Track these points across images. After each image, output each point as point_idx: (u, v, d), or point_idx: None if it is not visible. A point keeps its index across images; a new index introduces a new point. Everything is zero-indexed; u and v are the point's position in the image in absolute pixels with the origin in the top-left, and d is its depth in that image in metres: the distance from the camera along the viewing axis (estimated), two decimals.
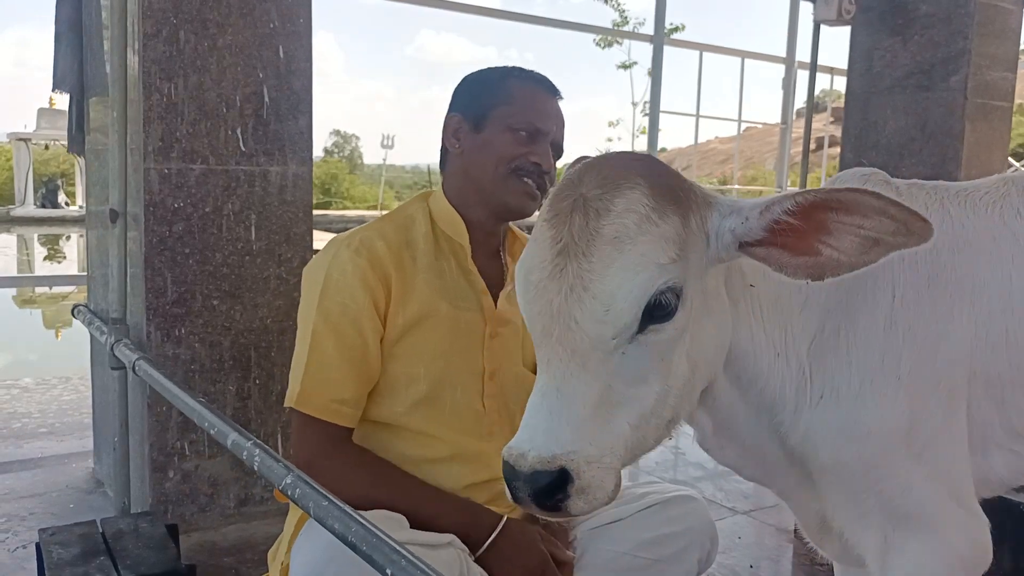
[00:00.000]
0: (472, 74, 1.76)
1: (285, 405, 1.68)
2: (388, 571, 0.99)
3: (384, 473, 1.68)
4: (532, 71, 1.76)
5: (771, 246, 0.90)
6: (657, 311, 0.86)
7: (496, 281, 1.68)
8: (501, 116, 1.65)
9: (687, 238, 0.88)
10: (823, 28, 4.79)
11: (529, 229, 1.48)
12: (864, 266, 0.87)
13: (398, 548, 1.00)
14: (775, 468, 1.05)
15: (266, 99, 2.26)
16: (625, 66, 22.66)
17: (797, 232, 0.88)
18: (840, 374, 0.99)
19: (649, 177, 0.89)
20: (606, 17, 19.36)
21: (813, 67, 4.76)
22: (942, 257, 1.03)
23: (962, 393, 1.02)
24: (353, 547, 1.07)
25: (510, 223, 1.76)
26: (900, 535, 1.01)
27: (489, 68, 1.76)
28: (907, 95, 4.28)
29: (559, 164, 1.74)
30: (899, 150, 4.30)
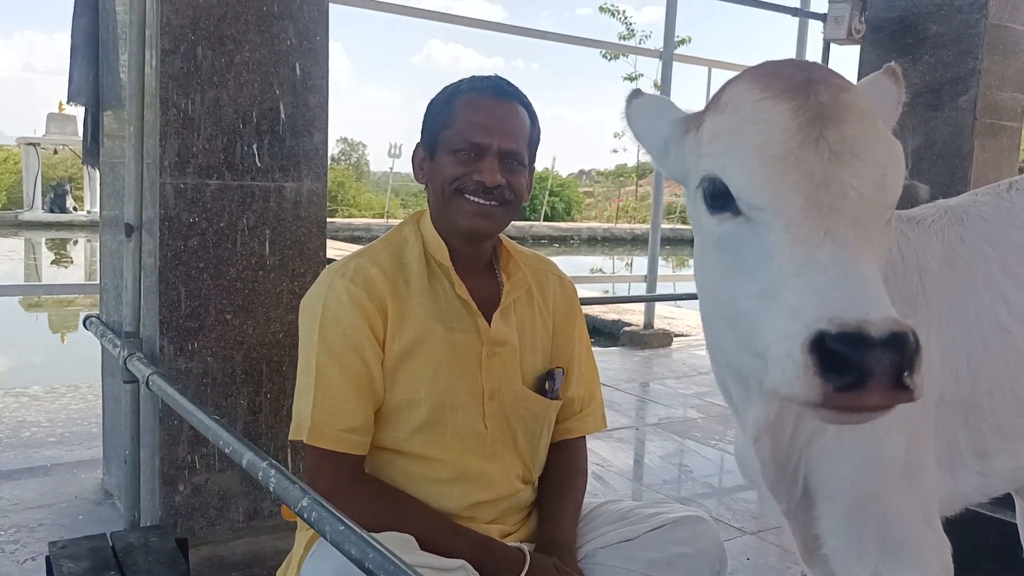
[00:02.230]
0: (433, 98, 1.73)
1: (292, 438, 1.67)
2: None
3: (403, 505, 1.68)
4: (484, 78, 1.70)
5: None
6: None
7: (490, 300, 1.67)
8: (445, 140, 1.63)
9: None
10: (832, 47, 4.82)
11: (525, 240, 1.47)
12: None
13: (401, 565, 1.00)
14: (791, 482, 1.05)
15: (282, 115, 2.27)
16: (631, 78, 22.71)
17: None
18: None
19: None
20: (612, 29, 19.40)
21: None
22: (913, 282, 1.05)
23: (932, 417, 1.03)
24: (370, 573, 1.07)
25: (503, 239, 1.74)
26: (889, 566, 1.01)
27: (444, 88, 1.71)
28: (916, 114, 4.30)
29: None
30: (908, 169, 4.31)
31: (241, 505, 2.34)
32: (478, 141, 1.59)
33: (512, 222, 1.76)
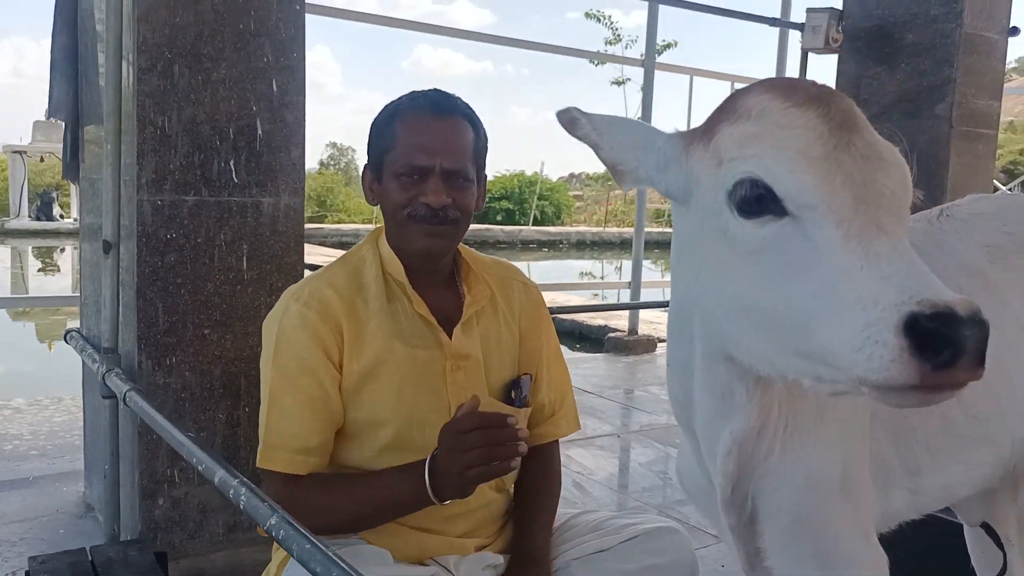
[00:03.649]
0: (376, 116, 1.72)
1: (257, 465, 1.69)
2: None
3: (334, 484, 1.67)
4: (422, 94, 1.69)
5: None
6: None
7: (452, 314, 1.68)
8: (389, 164, 1.63)
9: None
10: (811, 56, 4.86)
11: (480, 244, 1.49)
12: None
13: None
14: (738, 500, 1.08)
15: (259, 131, 2.30)
16: (618, 82, 22.82)
17: None
18: (801, 412, 1.02)
19: None
20: (599, 34, 19.49)
21: None
22: None
23: (866, 436, 1.06)
24: None
25: (462, 251, 1.75)
26: None
27: (386, 106, 1.70)
28: (894, 122, 4.33)
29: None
30: None
31: (220, 518, 2.35)
32: (420, 163, 1.59)
33: (502, 227, 1.77)
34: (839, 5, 4.53)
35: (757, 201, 0.86)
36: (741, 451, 1.02)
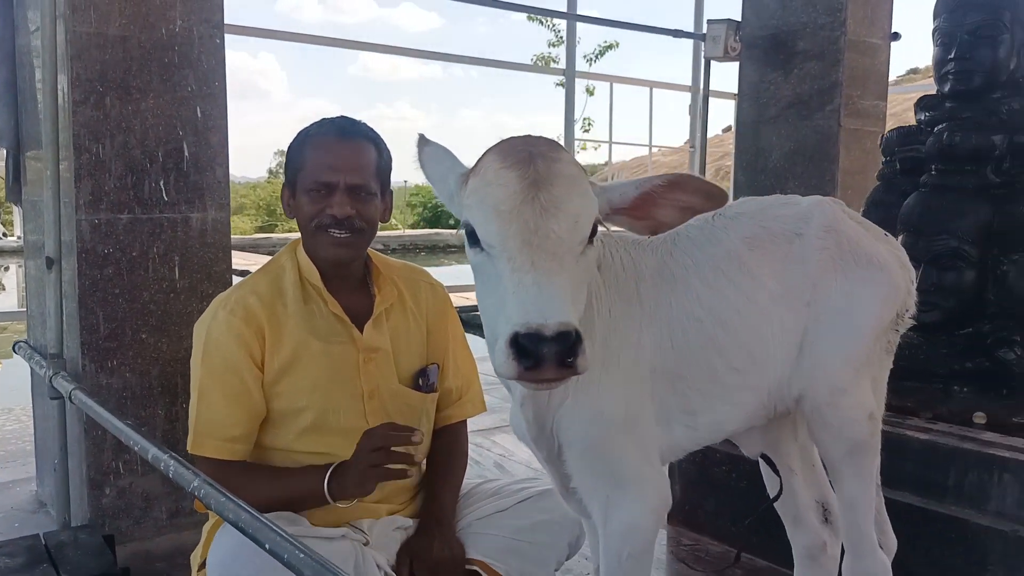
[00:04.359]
0: (291, 142, 1.93)
1: (187, 450, 1.94)
2: (267, 545, 1.29)
3: (260, 475, 1.91)
4: (330, 121, 1.90)
5: (626, 213, 1.24)
6: (592, 234, 1.16)
7: (364, 312, 1.90)
8: (301, 181, 1.85)
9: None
10: (718, 63, 5.21)
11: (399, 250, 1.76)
12: (679, 225, 1.26)
13: (272, 526, 1.30)
14: (546, 437, 1.38)
15: (186, 154, 2.55)
16: (563, 84, 23.17)
17: (644, 204, 1.24)
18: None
19: (564, 148, 1.22)
20: (542, 37, 19.80)
21: (705, 101, 5.18)
22: (631, 286, 1.38)
23: (647, 383, 1.36)
24: (242, 530, 1.36)
25: (372, 256, 1.97)
26: (617, 495, 1.34)
27: (297, 134, 1.92)
28: (790, 124, 4.70)
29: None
30: (784, 173, 4.72)
31: (164, 505, 2.59)
32: (326, 180, 1.82)
33: (452, 231, 2.02)
34: (737, 16, 4.87)
35: (472, 236, 1.17)
36: (535, 400, 1.32)
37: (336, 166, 1.84)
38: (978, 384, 2.48)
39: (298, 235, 2.06)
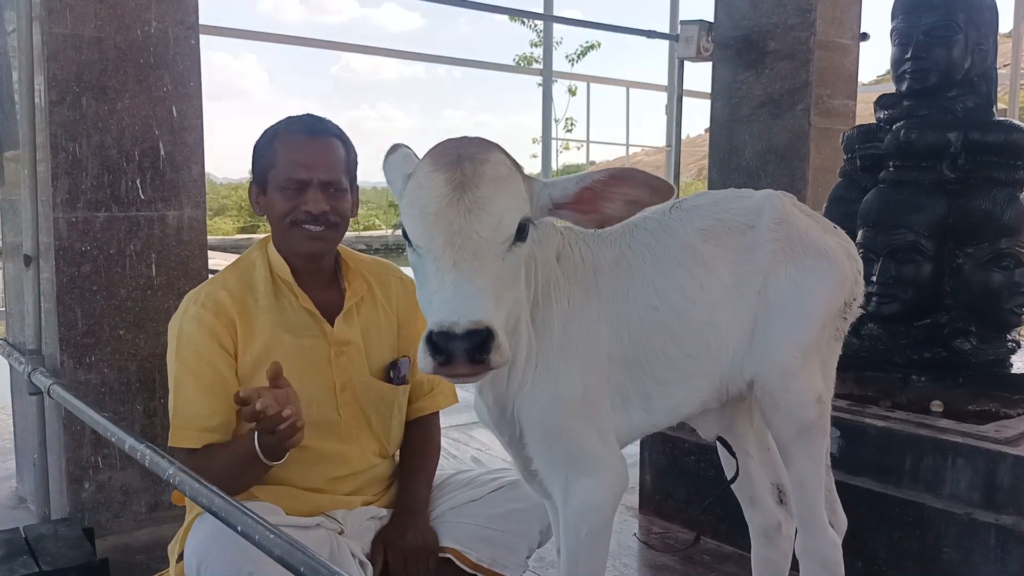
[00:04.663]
0: (257, 140, 1.97)
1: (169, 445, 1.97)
2: (239, 528, 1.34)
3: (207, 458, 1.88)
4: (297, 119, 1.93)
5: (571, 207, 1.29)
6: (520, 232, 1.20)
7: (335, 307, 1.94)
8: (272, 178, 1.89)
9: (527, 191, 1.24)
10: (692, 63, 5.29)
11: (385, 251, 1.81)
12: (627, 218, 1.29)
13: (244, 510, 1.35)
14: (507, 422, 1.44)
15: (162, 153, 2.59)
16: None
17: (589, 198, 1.28)
18: (545, 350, 1.38)
19: (501, 149, 1.26)
20: (524, 37, 19.84)
21: (679, 100, 5.26)
22: (590, 277, 1.44)
23: (605, 369, 1.42)
24: (215, 514, 1.41)
25: (342, 252, 2.00)
26: (576, 475, 1.40)
27: (265, 131, 1.95)
28: (762, 123, 4.78)
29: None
30: (757, 171, 4.80)
31: (142, 499, 2.64)
32: (300, 177, 1.86)
33: None
34: (710, 17, 4.95)
35: (406, 235, 1.24)
36: (494, 387, 1.39)
37: (308, 164, 1.88)
38: (935, 373, 2.56)
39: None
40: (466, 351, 1.09)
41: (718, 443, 1.72)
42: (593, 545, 1.42)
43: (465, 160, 1.21)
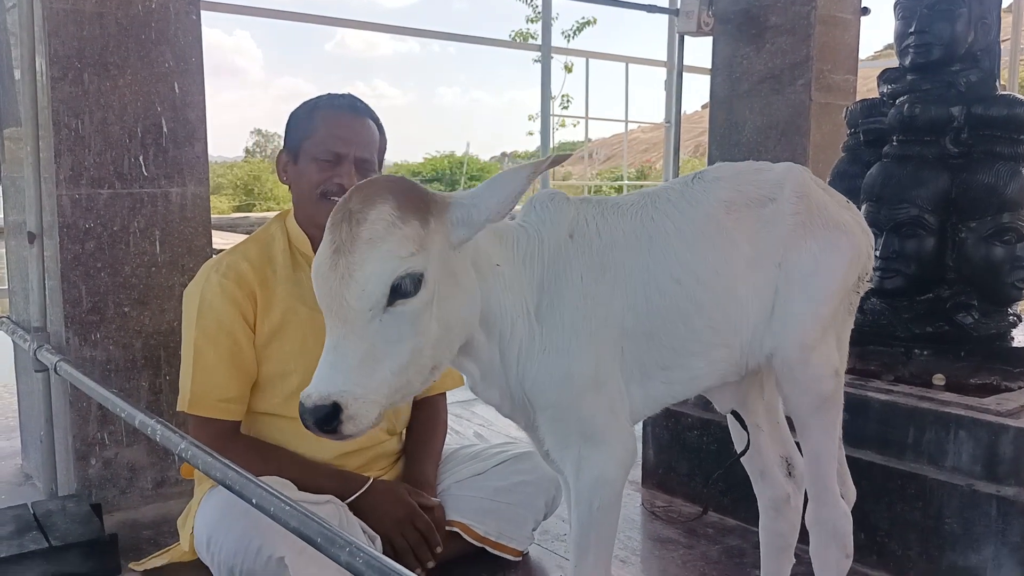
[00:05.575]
0: (294, 110, 2.01)
1: (179, 409, 2.01)
2: (254, 501, 1.35)
3: (272, 455, 2.02)
4: (340, 96, 1.98)
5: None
6: (401, 291, 1.20)
7: None
8: (308, 148, 1.93)
9: (427, 236, 1.22)
10: (693, 38, 5.25)
11: None
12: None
13: (258, 482, 1.36)
14: (519, 407, 1.45)
15: (164, 129, 2.58)
16: (540, 61, 23.09)
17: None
18: (555, 333, 1.38)
19: (396, 193, 1.23)
20: (520, 13, 19.72)
21: (679, 75, 5.24)
22: (606, 251, 1.44)
23: (619, 343, 1.43)
24: (229, 487, 1.42)
25: None
26: (587, 450, 1.41)
27: (304, 103, 1.99)
28: (762, 98, 4.77)
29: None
30: (757, 147, 4.80)
31: (149, 475, 2.65)
32: (338, 150, 1.91)
33: None
34: None
35: None
36: (490, 384, 1.42)
37: (348, 138, 1.93)
38: (937, 347, 2.57)
39: (276, 213, 2.12)
40: (314, 423, 1.18)
41: (731, 416, 1.73)
42: (604, 518, 1.44)
43: (347, 219, 1.22)
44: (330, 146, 1.92)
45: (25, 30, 2.39)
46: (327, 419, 1.17)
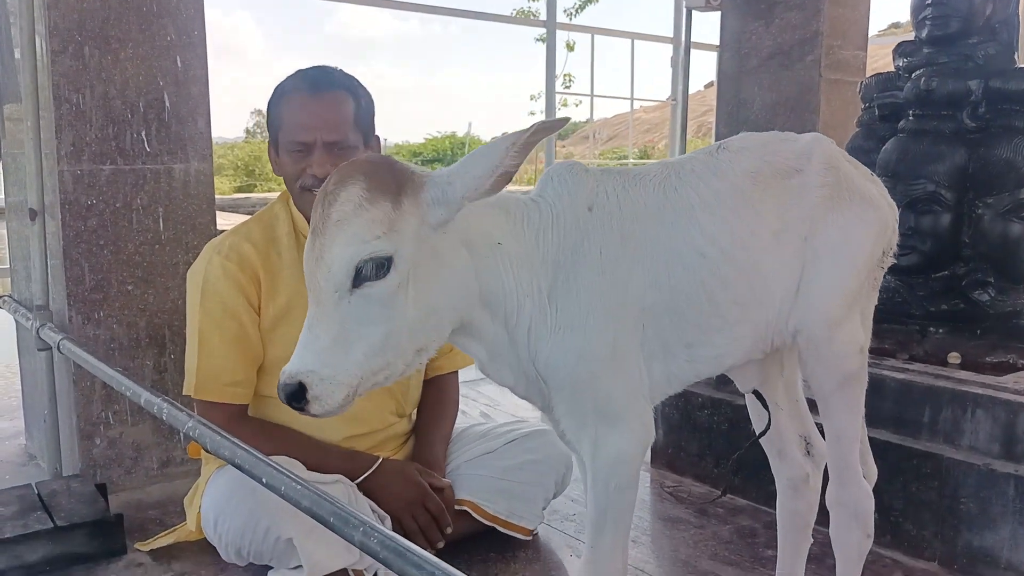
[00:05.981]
0: (268, 100, 1.94)
1: (184, 394, 1.98)
2: (264, 480, 1.32)
3: (281, 436, 1.99)
4: (302, 75, 1.89)
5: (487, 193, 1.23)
6: (366, 273, 1.18)
7: None
8: (282, 140, 1.88)
9: (398, 217, 1.19)
10: (702, 13, 5.19)
11: None
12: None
13: (268, 461, 1.33)
14: (533, 387, 1.41)
15: (167, 104, 2.53)
16: (543, 39, 22.94)
17: (502, 181, 1.23)
18: (570, 311, 1.34)
19: (370, 174, 1.19)
20: None
21: (687, 50, 5.17)
22: (627, 224, 1.39)
23: (639, 320, 1.38)
24: (239, 467, 1.39)
25: None
26: (604, 430, 1.37)
27: (275, 88, 1.92)
28: (771, 74, 4.71)
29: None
30: (766, 124, 4.74)
31: (154, 454, 2.62)
32: (302, 139, 1.84)
33: None
34: None
35: None
36: (500, 364, 1.38)
37: (310, 124, 1.84)
38: (953, 325, 2.54)
39: (279, 193, 2.08)
40: (286, 398, 1.20)
41: (751, 396, 1.70)
42: (621, 499, 1.40)
43: (322, 200, 1.21)
44: (295, 136, 1.85)
45: (24, 2, 2.34)
46: (294, 396, 1.19)
